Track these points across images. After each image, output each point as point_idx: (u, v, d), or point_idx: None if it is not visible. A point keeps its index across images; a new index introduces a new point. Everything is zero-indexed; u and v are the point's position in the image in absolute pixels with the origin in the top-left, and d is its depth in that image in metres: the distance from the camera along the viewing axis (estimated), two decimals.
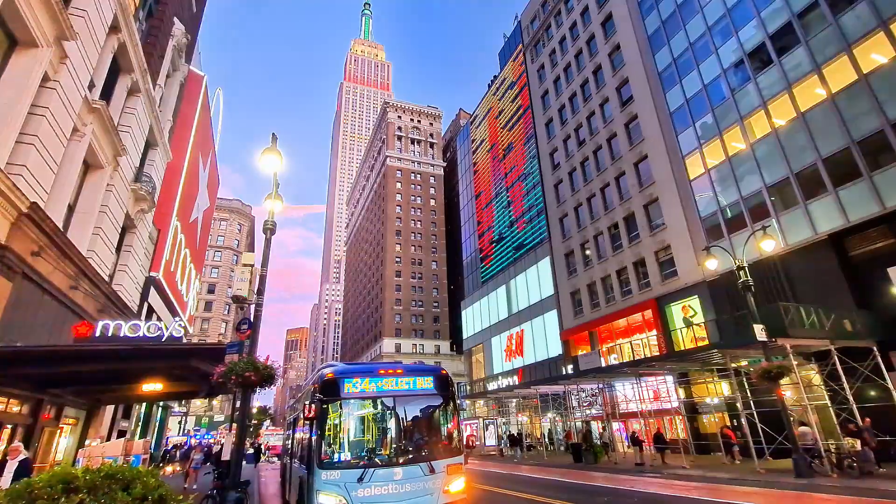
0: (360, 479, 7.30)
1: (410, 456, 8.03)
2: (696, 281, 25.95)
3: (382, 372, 8.52)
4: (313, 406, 7.87)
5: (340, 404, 8.13)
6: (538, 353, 41.69)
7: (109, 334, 9.80)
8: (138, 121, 15.45)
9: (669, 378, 24.87)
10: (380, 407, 8.41)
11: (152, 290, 19.76)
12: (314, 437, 7.74)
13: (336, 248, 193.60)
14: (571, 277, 38.01)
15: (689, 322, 25.88)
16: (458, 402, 9.30)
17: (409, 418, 8.54)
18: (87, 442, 13.83)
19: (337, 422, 8.13)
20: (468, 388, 50.31)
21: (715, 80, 26.07)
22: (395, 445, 8.17)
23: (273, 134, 10.12)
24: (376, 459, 7.88)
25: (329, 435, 7.89)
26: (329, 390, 8.05)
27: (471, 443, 35.24)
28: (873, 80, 18.73)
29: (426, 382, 8.67)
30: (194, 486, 16.74)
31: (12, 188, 8.10)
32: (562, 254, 39.72)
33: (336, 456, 7.82)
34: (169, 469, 25.54)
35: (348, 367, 9.11)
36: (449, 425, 8.81)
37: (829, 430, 17.03)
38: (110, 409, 16.90)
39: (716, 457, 21.44)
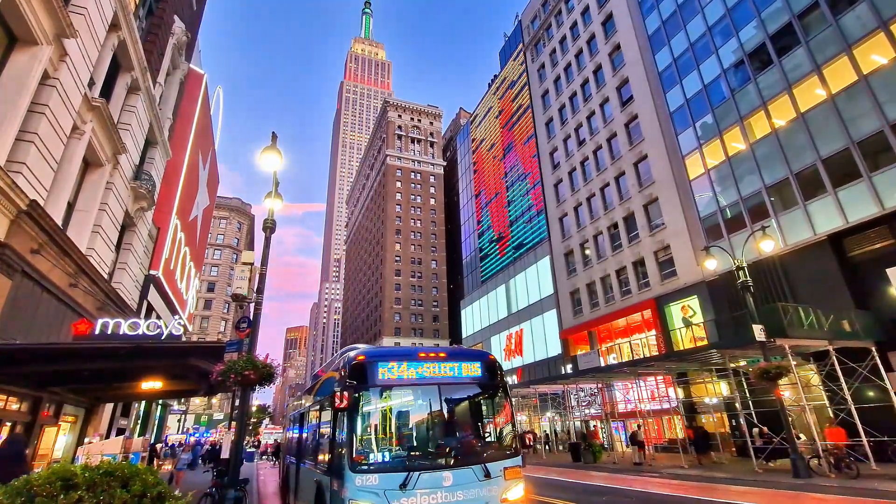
0: (404, 486, 6.00)
1: (461, 457, 6.68)
2: (695, 281, 25.98)
3: (423, 356, 7.21)
4: (344, 394, 6.31)
5: (375, 393, 6.79)
6: (537, 352, 41.74)
7: (109, 332, 9.81)
8: (138, 119, 15.44)
9: (669, 378, 24.90)
10: (421, 397, 7.10)
11: (152, 288, 19.74)
12: (343, 434, 6.40)
13: (336, 246, 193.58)
14: (571, 277, 38.03)
15: (689, 322, 25.91)
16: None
17: (457, 411, 7.32)
18: (86, 440, 13.84)
19: (371, 415, 6.81)
20: None
21: (715, 81, 26.07)
22: (441, 444, 6.82)
23: (273, 133, 10.13)
24: (421, 461, 6.52)
25: (363, 431, 6.56)
26: (361, 376, 6.68)
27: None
28: (873, 81, 18.75)
29: (473, 369, 7.38)
30: (177, 492, 16.65)
31: (12, 186, 8.10)
32: (561, 253, 39.74)
33: (372, 457, 6.44)
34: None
35: (381, 350, 7.85)
36: (502, 420, 7.58)
37: None
38: (109, 406, 16.89)
39: (712, 457, 21.47)
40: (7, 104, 8.51)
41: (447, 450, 6.73)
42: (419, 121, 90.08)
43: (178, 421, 53.99)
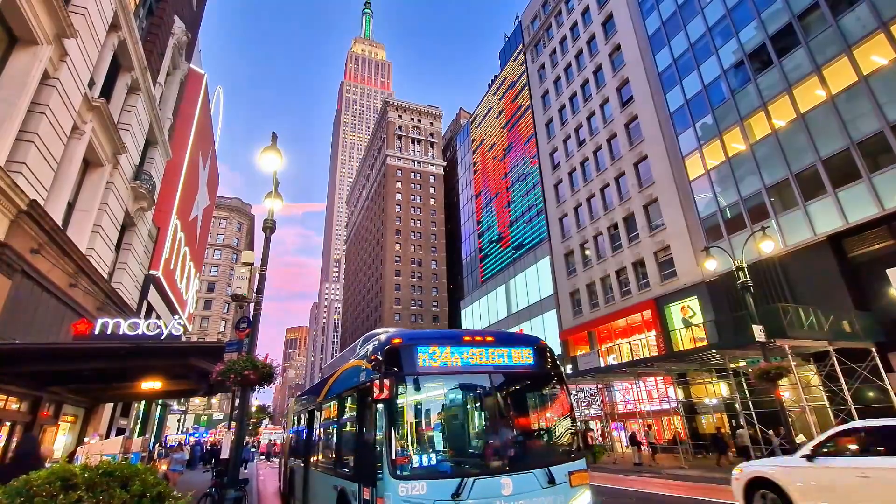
0: (457, 495, 5.00)
1: (519, 460, 5.71)
2: (695, 281, 25.98)
3: (468, 339, 6.19)
4: (385, 383, 5.23)
5: (416, 383, 5.68)
6: None
7: (108, 332, 9.81)
8: (138, 119, 15.44)
9: (669, 378, 24.90)
10: (469, 388, 6.12)
11: (152, 288, 19.74)
12: (378, 433, 5.41)
13: (336, 246, 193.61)
14: (571, 277, 38.03)
15: (688, 322, 25.91)
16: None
17: (510, 405, 6.27)
18: (85, 439, 13.84)
19: (412, 409, 5.72)
20: None
21: (715, 81, 26.09)
22: (497, 444, 5.82)
23: (273, 133, 10.12)
24: (474, 465, 5.57)
25: (403, 429, 5.54)
26: (398, 363, 5.61)
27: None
28: (873, 82, 18.76)
29: (525, 355, 6.35)
30: (175, 492, 16.53)
31: (12, 186, 8.10)
32: (561, 254, 39.74)
33: (416, 460, 5.41)
34: None
35: (418, 332, 6.71)
36: (561, 415, 6.46)
37: None
38: (109, 406, 16.89)
39: (708, 457, 21.47)
40: (7, 104, 8.51)
41: (504, 451, 5.75)
42: (419, 121, 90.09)
43: (178, 421, 53.96)
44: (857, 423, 8.08)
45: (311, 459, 9.35)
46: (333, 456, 7.59)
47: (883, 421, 7.53)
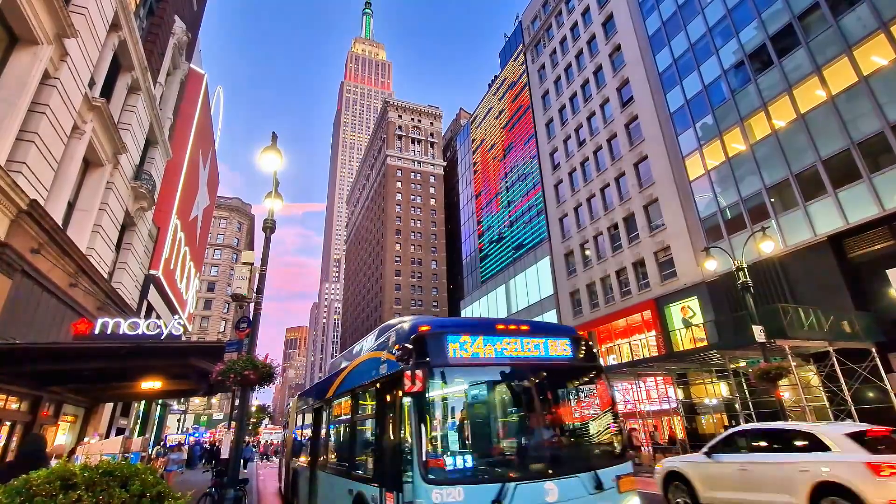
0: (497, 502, 4.51)
1: (563, 462, 5.17)
2: (695, 282, 25.98)
3: (502, 328, 5.68)
4: (417, 374, 4.59)
5: (447, 375, 5.14)
6: None
7: (108, 332, 9.82)
8: (138, 118, 15.45)
9: (669, 378, 24.90)
10: (505, 382, 5.61)
11: (152, 287, 19.75)
12: (404, 432, 4.95)
13: (336, 246, 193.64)
14: (571, 277, 38.03)
15: (688, 323, 25.91)
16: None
17: (550, 401, 5.71)
18: (85, 439, 13.84)
19: (444, 404, 5.24)
20: None
21: (715, 81, 26.09)
22: (537, 445, 5.33)
23: (273, 133, 10.13)
24: (515, 468, 5.03)
25: (435, 427, 4.99)
26: (426, 352, 5.05)
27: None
28: (873, 82, 18.75)
29: (563, 346, 5.85)
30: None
31: (12, 185, 8.10)
32: (561, 254, 39.74)
33: (450, 462, 4.84)
34: None
35: (446, 320, 6.35)
36: (606, 413, 5.90)
37: None
38: (109, 406, 16.89)
39: None
40: (7, 104, 8.51)
41: (546, 453, 5.24)
42: (419, 121, 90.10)
43: (178, 421, 53.96)
44: (746, 426, 9.71)
45: (319, 460, 8.83)
46: (347, 456, 7.03)
47: (762, 424, 9.38)
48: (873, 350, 16.80)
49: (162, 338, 10.09)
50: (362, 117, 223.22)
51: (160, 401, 29.75)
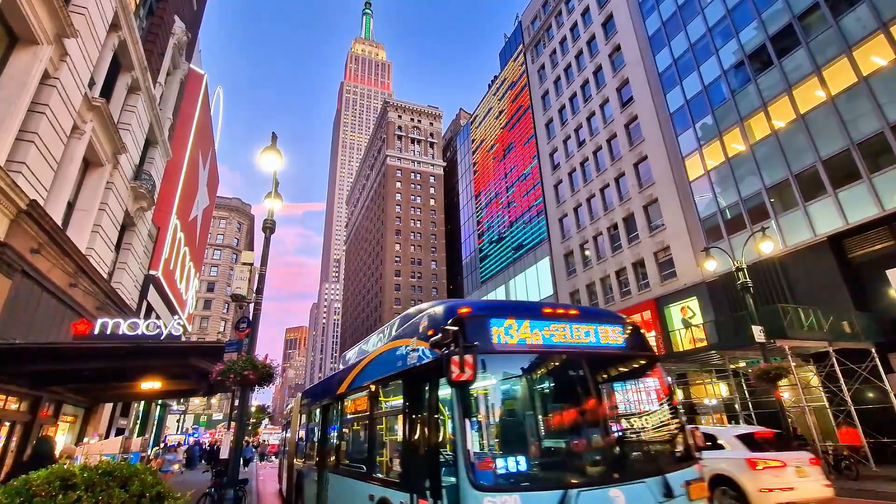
0: None
1: (628, 465, 4.53)
2: (695, 282, 25.98)
3: (549, 312, 5.03)
4: (465, 361, 3.86)
5: (489, 364, 4.38)
6: None
7: (108, 332, 9.82)
8: (138, 119, 15.45)
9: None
10: (557, 373, 4.94)
11: (151, 288, 19.74)
12: (442, 429, 4.38)
13: (336, 247, 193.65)
14: (570, 278, 38.04)
15: (688, 323, 25.91)
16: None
17: (607, 395, 4.97)
18: (84, 439, 13.84)
19: (487, 398, 4.54)
20: None
21: (715, 82, 26.10)
22: (598, 445, 4.52)
23: (273, 133, 10.13)
24: (576, 473, 4.29)
25: (482, 424, 4.35)
26: (471, 337, 4.33)
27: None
28: (873, 83, 18.76)
29: (615, 334, 5.19)
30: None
31: (12, 185, 8.10)
32: (561, 254, 39.75)
33: (501, 465, 4.05)
34: None
35: (486, 302, 5.54)
36: (666, 408, 5.23)
37: (828, 432, 17.06)
38: (108, 406, 16.89)
39: None
40: (7, 104, 8.51)
41: (609, 455, 4.51)
42: (419, 121, 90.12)
43: (178, 421, 53.92)
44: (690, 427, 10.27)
45: (329, 461, 8.13)
46: (366, 457, 6.34)
47: (703, 428, 9.79)
48: (873, 350, 16.79)
49: (161, 338, 10.09)
50: (362, 117, 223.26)
51: (160, 401, 29.74)
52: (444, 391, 4.34)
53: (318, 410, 10.03)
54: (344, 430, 8.04)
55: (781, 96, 22.28)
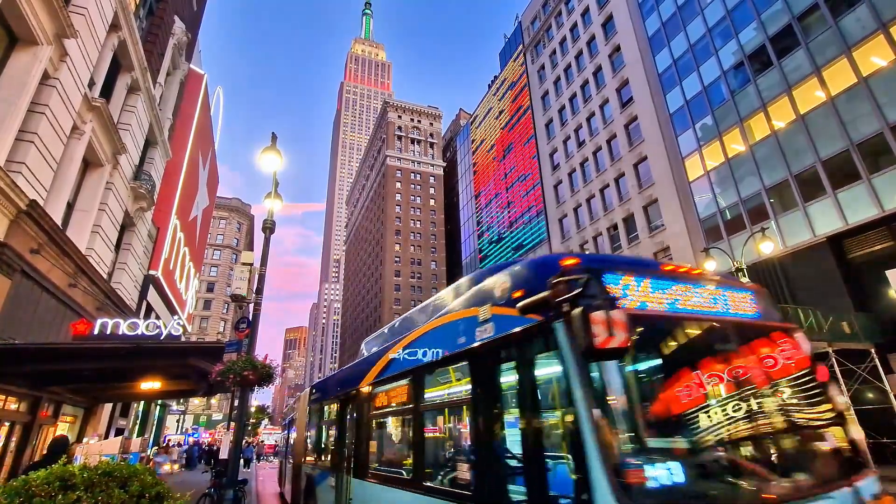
0: None
1: (807, 472, 3.40)
2: None
3: (670, 269, 3.87)
4: (612, 319, 2.71)
5: (639, 328, 3.28)
6: None
7: (108, 332, 9.82)
8: (138, 119, 15.45)
9: None
10: (698, 350, 3.63)
11: (151, 288, 19.74)
12: (548, 424, 3.40)
13: (336, 247, 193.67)
14: None
15: None
16: None
17: (763, 378, 3.58)
18: (84, 440, 13.83)
19: (620, 377, 3.15)
20: None
21: (715, 82, 26.11)
22: (769, 447, 3.44)
23: (273, 133, 10.13)
24: (743, 480, 3.15)
25: (618, 413, 3.00)
26: (589, 295, 2.96)
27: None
28: (873, 83, 18.77)
29: (747, 302, 3.98)
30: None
31: (12, 186, 8.10)
32: None
33: (653, 473, 2.83)
34: None
35: (593, 255, 4.75)
36: (830, 400, 3.86)
37: None
38: (108, 406, 16.89)
39: None
40: (7, 104, 8.51)
41: (783, 459, 3.43)
42: (419, 121, 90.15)
43: (177, 421, 53.90)
44: None
45: (353, 464, 6.86)
46: (411, 461, 5.09)
47: None
48: (872, 351, 16.80)
49: (161, 338, 10.09)
50: (362, 118, 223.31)
51: (159, 401, 29.73)
52: (548, 369, 3.34)
53: (334, 406, 8.72)
54: (373, 427, 6.74)
55: (781, 97, 22.30)
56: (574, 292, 2.98)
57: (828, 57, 20.51)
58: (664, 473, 2.86)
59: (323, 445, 9.54)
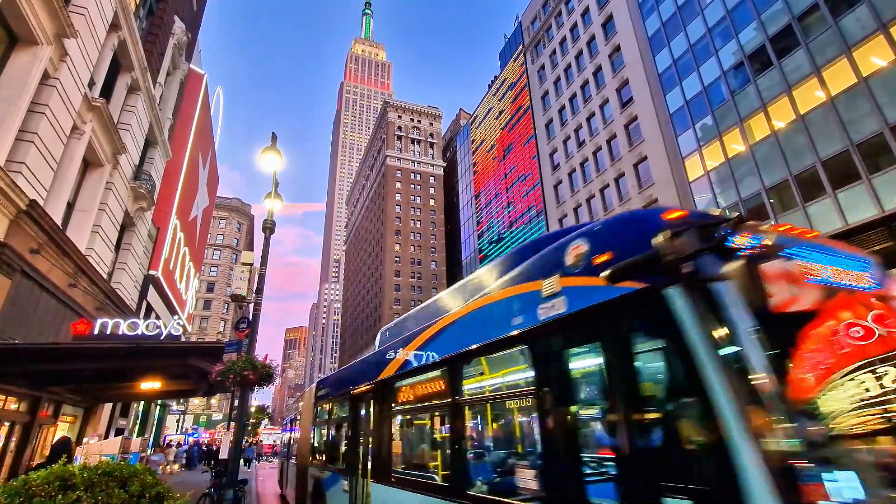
0: None
1: None
2: None
3: (786, 228, 3.22)
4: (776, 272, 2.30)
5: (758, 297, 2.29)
6: None
7: (108, 332, 9.83)
8: (138, 119, 15.45)
9: None
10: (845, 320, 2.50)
11: (151, 288, 19.75)
12: (705, 407, 2.18)
13: (336, 247, 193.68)
14: None
15: None
16: None
17: None
18: (84, 440, 13.83)
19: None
20: None
21: (715, 82, 26.11)
22: None
23: (273, 133, 10.13)
24: None
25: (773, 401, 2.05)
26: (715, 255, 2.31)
27: None
28: (873, 83, 18.77)
29: (870, 275, 3.32)
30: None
31: (12, 185, 8.10)
32: None
33: (832, 484, 1.93)
34: None
35: (694, 210, 4.03)
36: None
37: None
38: (108, 406, 16.90)
39: None
40: (7, 104, 8.51)
41: None
42: (419, 122, 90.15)
43: (177, 421, 53.89)
44: None
45: (371, 467, 6.20)
46: (451, 465, 4.37)
47: None
48: None
49: (161, 338, 10.09)
50: (362, 118, 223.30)
51: (159, 401, 29.73)
52: (652, 347, 2.74)
53: (345, 403, 7.97)
54: (396, 425, 6.14)
55: (781, 97, 22.29)
56: (706, 245, 2.33)
57: (828, 57, 20.51)
58: (846, 485, 2.02)
59: (333, 445, 8.70)
